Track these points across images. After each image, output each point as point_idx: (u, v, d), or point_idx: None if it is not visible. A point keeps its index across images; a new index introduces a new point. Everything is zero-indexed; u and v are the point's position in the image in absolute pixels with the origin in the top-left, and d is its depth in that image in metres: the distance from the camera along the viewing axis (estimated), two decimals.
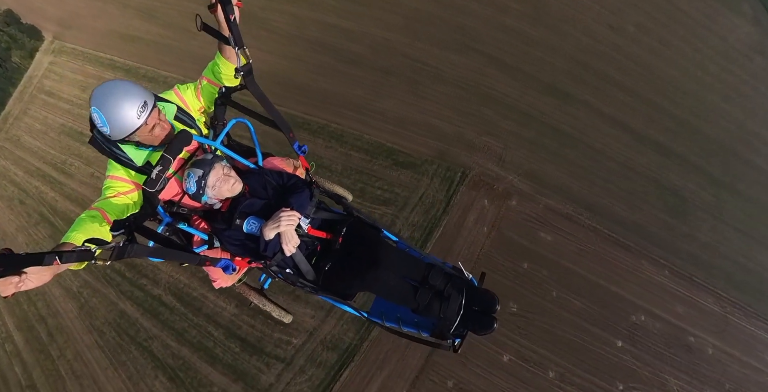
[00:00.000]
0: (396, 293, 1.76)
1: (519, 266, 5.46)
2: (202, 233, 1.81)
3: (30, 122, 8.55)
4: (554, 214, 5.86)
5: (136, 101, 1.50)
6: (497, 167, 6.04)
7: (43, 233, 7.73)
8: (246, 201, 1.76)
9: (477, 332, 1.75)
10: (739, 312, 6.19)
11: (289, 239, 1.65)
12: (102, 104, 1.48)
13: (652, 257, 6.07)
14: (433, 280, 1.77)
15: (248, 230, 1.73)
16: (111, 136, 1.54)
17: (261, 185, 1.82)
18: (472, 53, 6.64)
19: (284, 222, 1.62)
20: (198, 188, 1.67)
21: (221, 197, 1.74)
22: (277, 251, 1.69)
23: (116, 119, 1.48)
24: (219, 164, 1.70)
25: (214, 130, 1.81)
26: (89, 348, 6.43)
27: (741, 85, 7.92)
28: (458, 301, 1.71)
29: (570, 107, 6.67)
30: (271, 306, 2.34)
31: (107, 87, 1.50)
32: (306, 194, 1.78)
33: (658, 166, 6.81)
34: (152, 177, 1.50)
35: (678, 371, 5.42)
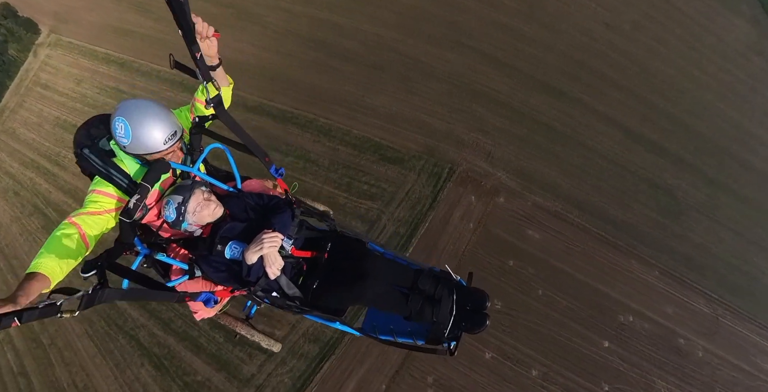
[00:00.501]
0: (387, 301, 1.76)
1: (505, 263, 5.37)
2: (182, 262, 1.75)
3: (26, 115, 8.62)
4: (543, 211, 5.76)
5: (169, 128, 1.55)
6: (486, 164, 5.95)
7: (36, 224, 7.79)
8: (226, 225, 1.71)
9: (470, 331, 1.75)
10: (731, 314, 6.05)
11: (272, 261, 1.61)
12: (134, 118, 1.50)
13: (643, 257, 5.95)
14: (422, 285, 1.77)
15: (230, 256, 1.68)
16: (125, 147, 1.54)
17: (241, 208, 1.78)
18: (464, 50, 6.57)
19: (267, 244, 1.58)
20: (178, 215, 1.63)
21: (202, 222, 1.69)
22: (261, 276, 1.65)
23: (142, 137, 1.51)
24: (199, 190, 1.68)
25: (191, 156, 1.80)
26: (79, 337, 6.50)
27: (738, 85, 7.78)
28: (449, 303, 1.72)
29: (563, 104, 6.57)
30: (259, 336, 2.30)
31: (143, 104, 1.54)
32: (288, 215, 1.75)
33: (651, 165, 6.68)
34: (129, 206, 1.46)
35: (666, 373, 5.29)
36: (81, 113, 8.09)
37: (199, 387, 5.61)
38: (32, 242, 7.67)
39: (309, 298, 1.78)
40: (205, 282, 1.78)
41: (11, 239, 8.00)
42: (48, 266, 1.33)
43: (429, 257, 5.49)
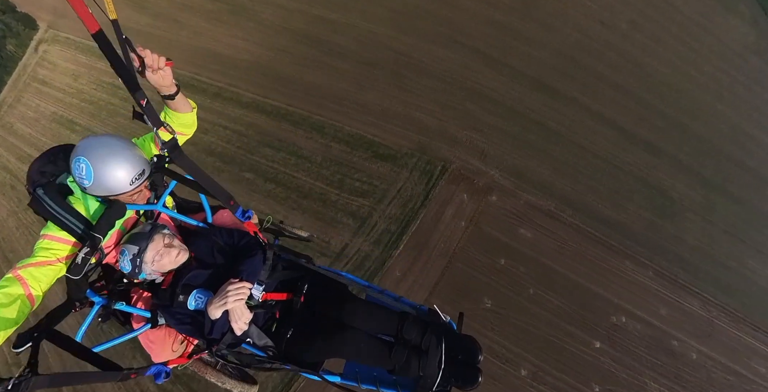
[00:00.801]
0: (368, 355, 1.60)
1: (496, 261, 5.30)
2: (144, 310, 1.61)
3: (23, 110, 8.64)
4: (535, 210, 5.69)
5: (135, 168, 1.39)
6: (479, 162, 5.88)
7: (32, 217, 7.85)
8: (190, 273, 1.56)
9: (461, 387, 1.58)
10: (727, 316, 5.96)
11: (239, 316, 1.45)
12: (97, 158, 1.35)
13: (637, 258, 5.87)
14: (407, 334, 1.60)
15: (194, 307, 1.53)
16: (87, 190, 1.41)
17: (208, 251, 1.63)
18: (458, 47, 6.52)
19: (232, 297, 1.42)
20: (134, 267, 1.47)
21: (163, 270, 1.54)
22: (225, 331, 1.49)
23: (106, 179, 1.36)
24: (159, 235, 1.52)
25: (155, 192, 1.65)
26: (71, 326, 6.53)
27: (736, 85, 7.70)
28: (437, 355, 1.55)
29: (557, 102, 6.50)
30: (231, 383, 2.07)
31: (107, 143, 1.39)
32: (258, 259, 1.60)
33: (646, 165, 6.60)
34: (77, 262, 1.31)
35: (659, 375, 5.20)
36: (77, 109, 8.09)
37: None
38: (28, 235, 7.67)
39: (283, 348, 1.62)
40: (170, 330, 1.65)
41: (8, 232, 8.00)
42: None
43: (420, 255, 5.43)
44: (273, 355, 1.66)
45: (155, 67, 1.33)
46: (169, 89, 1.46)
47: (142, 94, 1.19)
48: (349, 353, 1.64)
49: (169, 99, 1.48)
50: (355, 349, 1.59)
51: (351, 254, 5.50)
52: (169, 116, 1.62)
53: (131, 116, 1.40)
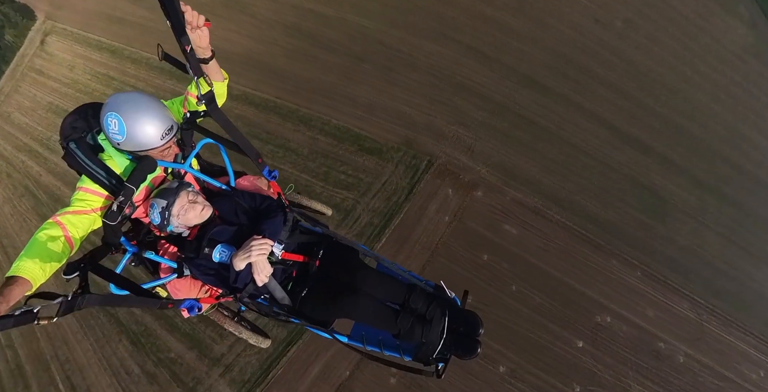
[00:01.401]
0: (376, 319, 1.69)
1: (479, 257, 5.20)
2: (171, 261, 1.70)
3: (20, 100, 8.76)
4: (521, 207, 5.59)
5: (165, 124, 1.45)
6: (465, 157, 5.80)
7: (26, 205, 7.93)
8: (215, 228, 1.65)
9: (460, 356, 1.68)
10: (717, 320, 5.79)
11: (261, 269, 1.56)
12: (128, 113, 1.39)
13: (625, 258, 5.73)
14: (414, 303, 1.70)
15: (218, 259, 1.63)
16: (120, 145, 1.46)
17: (232, 211, 1.72)
18: (449, 42, 6.46)
19: (255, 252, 1.52)
20: (162, 219, 1.58)
21: (189, 224, 1.64)
22: (248, 282, 1.60)
23: (137, 134, 1.41)
24: (184, 192, 1.61)
25: (182, 152, 1.71)
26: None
27: (733, 87, 7.54)
28: (441, 324, 1.64)
29: (548, 100, 6.40)
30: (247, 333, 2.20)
31: (136, 98, 1.43)
32: (279, 219, 1.69)
33: (638, 164, 6.47)
34: (113, 209, 1.39)
35: (643, 377, 5.05)
36: (73, 99, 8.16)
37: (171, 364, 5.65)
38: (23, 222, 7.73)
39: (297, 305, 1.72)
40: (194, 281, 1.74)
41: (3, 219, 8.07)
42: (29, 270, 1.27)
43: (402, 248, 5.35)
44: (288, 309, 1.75)
45: (194, 24, 1.32)
46: (205, 52, 1.46)
47: (187, 40, 1.18)
48: (357, 315, 1.71)
49: (203, 63, 1.47)
50: (363, 312, 1.66)
51: None
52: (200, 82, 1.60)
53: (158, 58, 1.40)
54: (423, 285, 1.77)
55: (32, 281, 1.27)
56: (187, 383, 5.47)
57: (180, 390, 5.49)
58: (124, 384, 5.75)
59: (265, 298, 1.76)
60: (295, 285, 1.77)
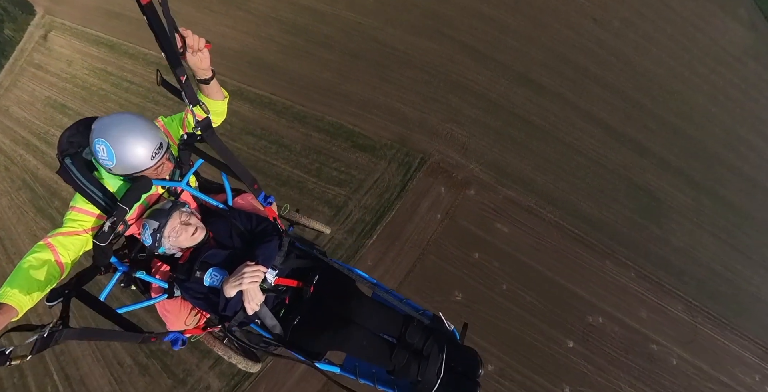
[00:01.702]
0: (370, 353, 1.63)
1: (470, 255, 5.16)
2: (162, 281, 1.66)
3: (19, 94, 8.81)
4: (514, 206, 5.55)
5: (153, 143, 1.42)
6: (459, 155, 5.77)
7: (24, 198, 7.98)
8: (208, 251, 1.61)
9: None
10: (712, 322, 5.71)
11: (252, 297, 1.51)
12: (114, 139, 1.37)
13: (618, 258, 5.67)
14: (410, 337, 1.63)
15: (209, 283, 1.58)
16: (111, 170, 1.44)
17: (226, 233, 1.67)
18: (444, 40, 6.44)
19: (247, 279, 1.48)
20: (153, 241, 1.53)
21: (181, 246, 1.60)
22: (238, 310, 1.56)
23: (127, 157, 1.39)
24: (177, 213, 1.56)
25: (180, 170, 1.70)
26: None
27: (731, 88, 7.49)
28: (438, 362, 1.56)
29: (543, 99, 6.37)
30: (236, 358, 2.13)
31: (122, 121, 1.41)
32: (274, 244, 1.64)
33: (633, 165, 6.42)
34: (103, 230, 1.37)
35: (635, 379, 4.98)
36: (70, 94, 8.19)
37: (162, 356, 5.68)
38: (20, 215, 7.76)
39: (288, 334, 1.67)
40: (184, 303, 1.70)
41: (0, 212, 8.08)
42: (15, 296, 1.23)
43: (392, 246, 5.30)
44: (279, 339, 1.70)
45: (195, 48, 1.34)
46: (206, 73, 1.47)
47: (182, 71, 1.20)
48: (350, 348, 1.65)
49: (203, 83, 1.49)
50: (357, 346, 1.61)
51: (324, 241, 5.40)
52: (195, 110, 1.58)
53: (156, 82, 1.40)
54: (420, 317, 1.71)
55: (18, 308, 1.23)
56: (178, 374, 5.46)
57: (171, 381, 5.48)
58: (116, 375, 5.74)
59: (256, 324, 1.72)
60: (287, 312, 1.71)
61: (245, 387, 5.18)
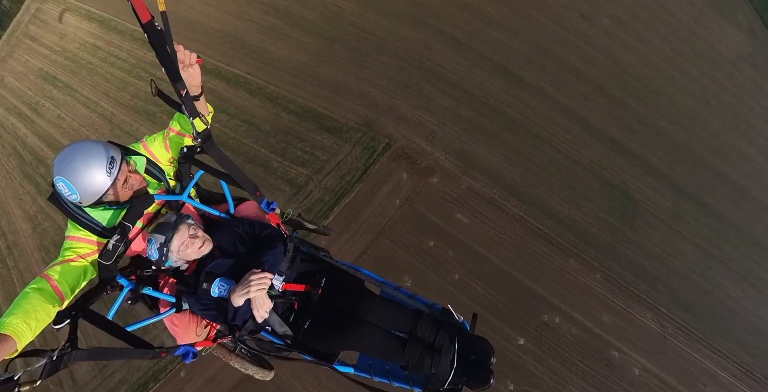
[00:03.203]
0: (383, 350, 1.66)
1: (424, 242, 5.03)
2: (169, 296, 1.69)
3: (14, 65, 9.16)
4: (477, 197, 5.41)
5: (102, 160, 1.40)
6: (425, 143, 5.68)
7: (13, 164, 8.22)
8: (213, 261, 1.63)
9: (472, 387, 1.64)
10: (684, 335, 5.42)
11: (260, 304, 1.53)
12: (66, 172, 1.37)
13: (584, 258, 5.46)
14: (421, 332, 1.67)
15: (217, 294, 1.60)
16: (81, 202, 1.44)
17: (230, 241, 1.70)
18: (423, 28, 6.40)
19: (254, 287, 1.49)
20: (161, 255, 1.55)
21: (188, 259, 1.62)
22: (247, 319, 1.59)
23: (85, 184, 1.39)
24: (184, 226, 1.58)
25: (180, 183, 1.75)
26: (37, 262, 6.94)
27: (724, 94, 7.23)
28: (450, 354, 1.61)
29: (520, 91, 6.25)
30: (253, 369, 2.17)
31: (69, 152, 1.41)
32: (279, 250, 1.67)
33: (610, 164, 6.21)
34: (108, 248, 1.40)
35: (588, 385, 4.74)
36: (61, 66, 8.47)
37: None
38: (8, 179, 8.09)
39: (300, 338, 1.70)
40: (193, 316, 1.73)
41: None
42: (14, 327, 1.21)
43: (348, 227, 5.21)
44: (291, 344, 1.72)
45: (187, 62, 1.35)
46: (196, 90, 1.48)
47: (182, 85, 1.22)
48: (363, 347, 1.67)
49: (194, 100, 1.47)
50: (369, 344, 1.63)
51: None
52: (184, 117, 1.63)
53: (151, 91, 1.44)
54: (429, 310, 1.73)
55: (17, 340, 1.20)
56: None
57: None
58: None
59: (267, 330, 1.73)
60: (297, 317, 1.72)
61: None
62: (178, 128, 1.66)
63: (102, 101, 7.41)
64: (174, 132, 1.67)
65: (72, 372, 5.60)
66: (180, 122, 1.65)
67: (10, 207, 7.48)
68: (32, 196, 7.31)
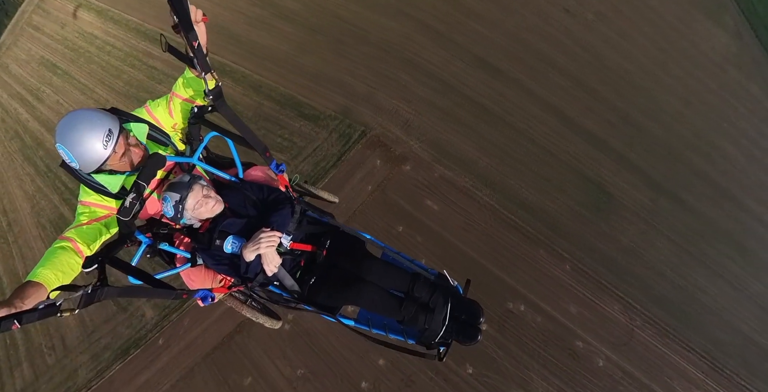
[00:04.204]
0: (381, 306, 1.77)
1: (393, 228, 4.99)
2: (185, 251, 1.80)
3: (17, 53, 9.43)
4: (449, 185, 5.35)
5: (100, 132, 1.43)
6: (401, 131, 5.63)
7: (15, 147, 8.46)
8: (226, 221, 1.73)
9: (461, 342, 1.76)
10: (653, 329, 5.31)
11: (270, 260, 1.64)
12: (65, 139, 1.41)
13: (554, 249, 5.38)
14: (418, 292, 1.78)
15: (230, 251, 1.71)
16: (81, 170, 1.50)
17: (241, 203, 1.80)
18: (405, 19, 6.38)
19: (264, 244, 1.60)
20: (176, 213, 1.64)
21: (201, 217, 1.72)
22: (258, 272, 1.69)
23: (82, 153, 1.43)
24: (198, 185, 1.67)
25: (190, 146, 1.79)
26: (34, 238, 7.15)
27: (707, 93, 7.09)
28: (443, 312, 1.72)
29: (498, 83, 6.18)
30: (263, 318, 2.31)
31: (68, 120, 1.45)
32: (287, 211, 1.76)
33: (587, 157, 6.11)
34: (125, 206, 1.48)
35: (549, 373, 4.65)
36: (61, 54, 8.67)
37: None
38: (10, 161, 8.44)
39: (306, 292, 1.81)
40: (208, 270, 1.82)
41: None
42: (44, 276, 1.34)
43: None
44: (297, 296, 1.83)
45: (193, 19, 1.34)
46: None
47: (194, 36, 1.22)
48: (363, 303, 1.78)
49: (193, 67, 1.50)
50: (369, 300, 1.74)
51: None
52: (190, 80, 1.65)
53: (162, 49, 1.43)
54: (426, 274, 1.85)
55: (47, 287, 1.31)
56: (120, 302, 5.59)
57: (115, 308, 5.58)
58: None
59: (275, 285, 1.82)
60: (303, 273, 1.84)
61: (173, 317, 5.29)
62: (183, 93, 1.67)
63: (97, 87, 7.53)
64: (181, 98, 1.68)
65: (63, 337, 5.75)
66: (185, 85, 1.65)
67: (11, 187, 7.69)
68: (31, 177, 7.47)
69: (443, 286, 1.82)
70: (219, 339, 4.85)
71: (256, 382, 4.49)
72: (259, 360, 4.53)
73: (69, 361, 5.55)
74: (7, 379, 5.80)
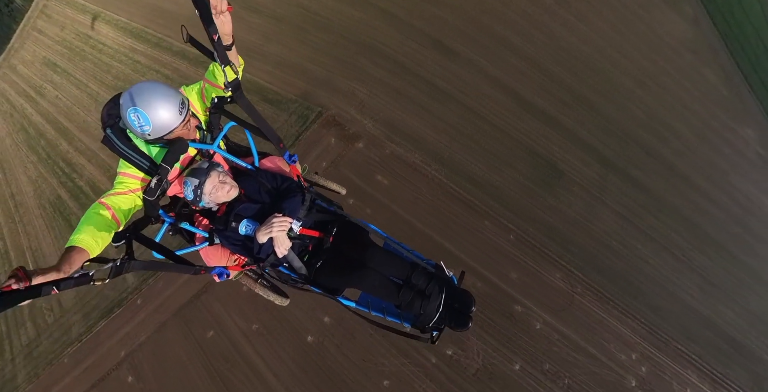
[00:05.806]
0: (381, 291, 1.82)
1: (345, 201, 4.85)
2: (203, 231, 1.87)
3: (24, 54, 9.78)
4: (399, 161, 5.26)
5: (176, 99, 1.50)
6: (355, 111, 5.50)
7: (21, 138, 8.97)
8: (241, 205, 1.79)
9: (453, 328, 1.80)
10: (593, 295, 5.22)
11: (281, 243, 1.68)
12: (144, 104, 1.45)
13: (499, 220, 5.28)
14: (415, 280, 1.82)
15: (244, 233, 1.76)
16: (150, 135, 1.52)
17: (255, 189, 1.85)
18: (366, 7, 6.15)
19: (276, 228, 1.64)
20: (195, 196, 1.69)
21: (218, 201, 1.77)
22: (270, 253, 1.75)
23: (159, 118, 1.47)
24: (215, 172, 1.71)
25: (210, 134, 1.81)
26: (36, 218, 7.56)
27: (663, 76, 6.80)
28: (437, 300, 1.76)
29: (453, 64, 6.00)
30: (273, 296, 2.36)
31: (146, 89, 1.49)
32: (298, 199, 1.81)
33: (538, 134, 5.93)
34: (151, 186, 1.52)
35: (486, 333, 4.62)
36: (60, 54, 8.84)
37: None
38: (17, 151, 8.78)
39: (312, 274, 1.88)
40: (224, 249, 1.89)
41: (4, 148, 9.63)
42: (85, 241, 1.36)
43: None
44: (304, 278, 1.90)
45: (218, 9, 1.31)
46: (227, 39, 1.47)
47: (214, 29, 1.17)
48: (364, 287, 1.83)
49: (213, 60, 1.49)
50: (370, 285, 1.79)
51: None
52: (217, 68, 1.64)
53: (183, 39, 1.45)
54: (424, 264, 1.88)
55: (89, 251, 1.36)
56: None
57: None
58: None
59: (285, 266, 1.89)
60: (311, 257, 1.89)
61: (150, 281, 5.54)
62: (211, 79, 1.68)
63: (90, 82, 7.63)
64: (208, 83, 1.70)
65: (60, 299, 6.01)
66: (214, 73, 1.66)
67: (17, 173, 8.02)
68: (34, 164, 7.72)
69: (439, 276, 1.84)
70: (187, 298, 5.02)
71: (217, 335, 4.66)
72: (220, 316, 4.70)
73: (65, 320, 6.04)
74: (14, 336, 6.15)
